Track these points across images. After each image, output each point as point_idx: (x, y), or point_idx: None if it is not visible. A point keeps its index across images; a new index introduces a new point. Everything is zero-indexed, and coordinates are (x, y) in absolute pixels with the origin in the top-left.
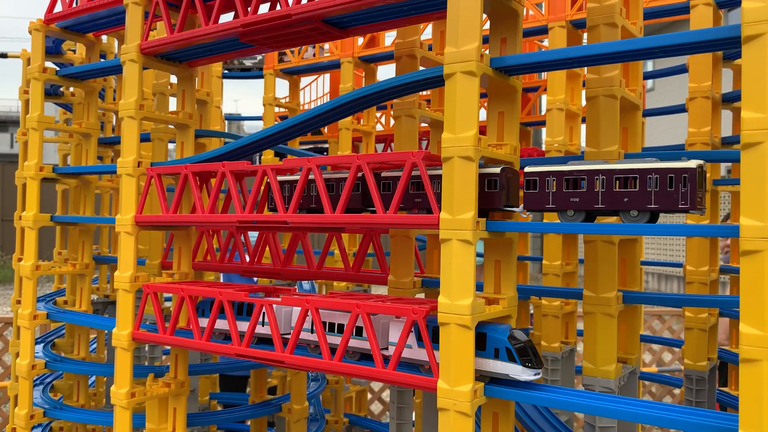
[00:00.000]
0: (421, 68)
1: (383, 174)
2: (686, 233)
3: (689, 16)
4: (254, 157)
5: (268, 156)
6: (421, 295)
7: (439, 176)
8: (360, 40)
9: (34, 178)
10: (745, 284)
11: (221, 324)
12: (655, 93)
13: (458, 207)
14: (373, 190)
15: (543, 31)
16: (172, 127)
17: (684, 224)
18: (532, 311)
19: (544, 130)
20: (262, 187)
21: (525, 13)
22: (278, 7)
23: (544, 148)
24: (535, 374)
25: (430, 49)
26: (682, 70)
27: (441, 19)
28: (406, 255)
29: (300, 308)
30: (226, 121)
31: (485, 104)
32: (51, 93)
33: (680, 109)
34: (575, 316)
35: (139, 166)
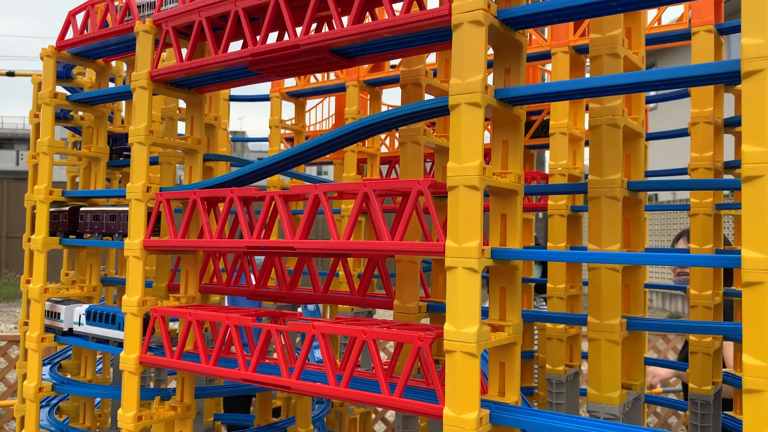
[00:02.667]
0: (426, 96)
1: None
2: (689, 263)
3: (690, 42)
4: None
5: (273, 177)
6: (427, 320)
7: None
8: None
9: (43, 202)
10: (747, 315)
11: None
12: (658, 112)
13: (464, 235)
14: (379, 217)
15: (546, 56)
16: (181, 151)
17: (687, 254)
18: (536, 333)
19: (547, 152)
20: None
21: (528, 38)
22: (286, 38)
23: (547, 172)
24: None
25: (435, 75)
26: (684, 94)
27: (446, 49)
28: (412, 279)
29: (306, 333)
30: (232, 142)
31: (489, 127)
32: (61, 117)
33: (683, 133)
34: (580, 339)
35: (148, 191)
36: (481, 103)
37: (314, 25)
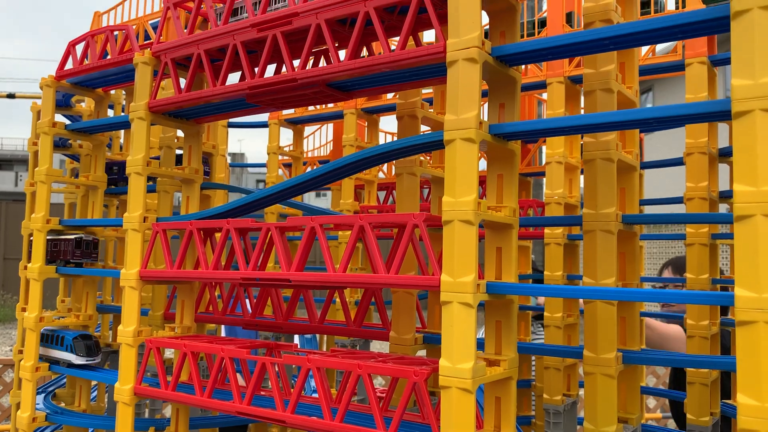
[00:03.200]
0: (423, 128)
1: None
2: (683, 300)
3: (684, 73)
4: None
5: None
6: (423, 352)
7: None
8: None
9: (41, 231)
10: (741, 354)
11: None
12: (653, 136)
13: (459, 270)
14: (375, 250)
15: (542, 86)
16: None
17: (682, 291)
18: (533, 361)
19: (544, 180)
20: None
21: (524, 68)
22: (284, 70)
23: (544, 200)
24: (87, 360)
25: (431, 103)
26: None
27: (442, 84)
28: (408, 310)
29: (302, 367)
30: (230, 168)
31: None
32: (59, 145)
33: (678, 162)
34: (577, 368)
35: (144, 221)
36: (476, 138)
37: (311, 59)
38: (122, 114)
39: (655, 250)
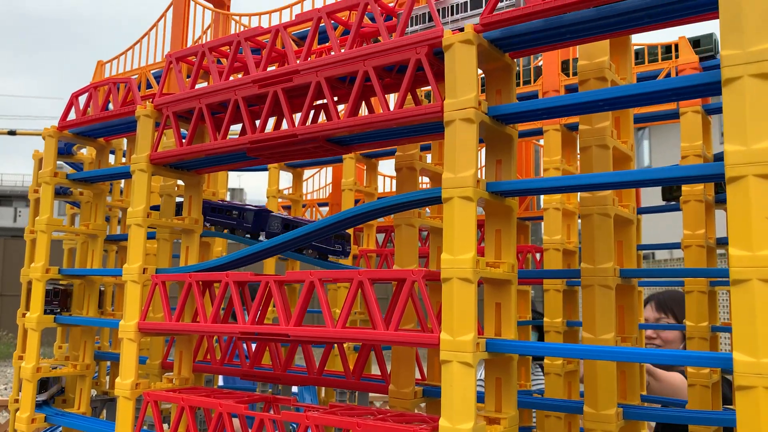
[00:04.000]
0: (421, 181)
1: None
2: (683, 362)
3: (679, 121)
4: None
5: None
6: (423, 405)
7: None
8: None
9: (39, 280)
10: (741, 420)
11: None
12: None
13: (458, 328)
14: (373, 306)
15: (538, 132)
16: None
17: (681, 351)
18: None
19: (542, 224)
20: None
21: None
22: (284, 124)
23: (543, 246)
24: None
25: (429, 147)
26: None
27: (439, 139)
28: (407, 363)
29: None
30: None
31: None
32: (60, 192)
33: (675, 208)
34: (578, 417)
35: (144, 273)
36: (473, 197)
37: (312, 111)
38: (123, 160)
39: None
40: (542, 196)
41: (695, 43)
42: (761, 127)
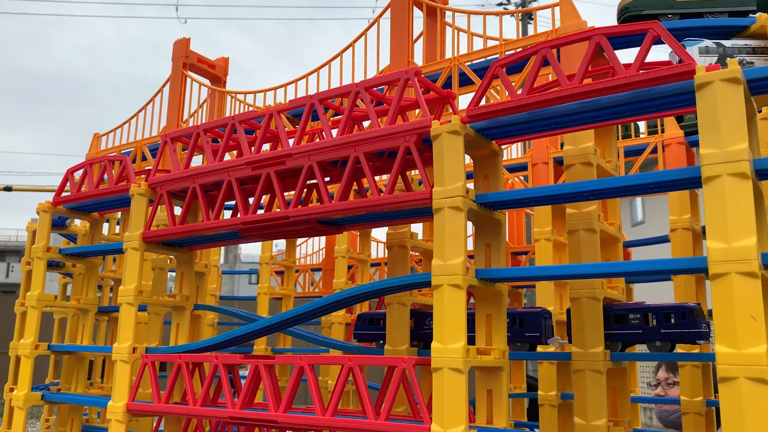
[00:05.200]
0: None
1: None
2: None
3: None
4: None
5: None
6: None
7: None
8: None
9: (28, 357)
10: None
11: None
12: (646, 226)
13: (449, 419)
14: (364, 393)
15: (523, 167)
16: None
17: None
18: None
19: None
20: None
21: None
22: (276, 203)
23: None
24: None
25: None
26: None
27: (429, 221)
28: None
29: None
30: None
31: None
32: (53, 264)
33: (663, 239)
34: None
35: (134, 352)
36: (463, 285)
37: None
38: (117, 229)
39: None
40: (534, 259)
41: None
42: (741, 225)
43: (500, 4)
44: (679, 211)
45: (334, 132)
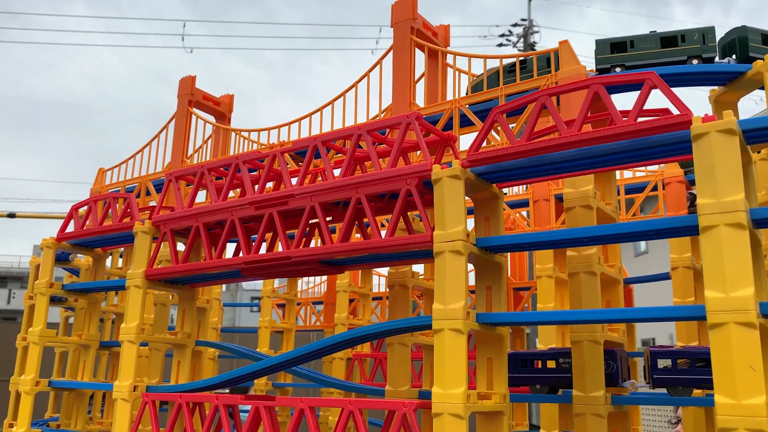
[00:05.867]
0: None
1: None
2: None
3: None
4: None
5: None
6: None
7: None
8: None
9: (29, 393)
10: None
11: None
12: (649, 256)
13: None
14: None
15: (525, 203)
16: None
17: None
18: None
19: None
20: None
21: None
22: (278, 245)
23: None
24: None
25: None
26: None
27: (429, 263)
28: None
29: None
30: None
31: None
32: (55, 299)
33: (665, 276)
34: None
35: (135, 390)
36: (464, 329)
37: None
38: (119, 262)
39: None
40: (537, 295)
41: None
42: (739, 275)
43: (502, 35)
44: (679, 249)
45: (337, 171)
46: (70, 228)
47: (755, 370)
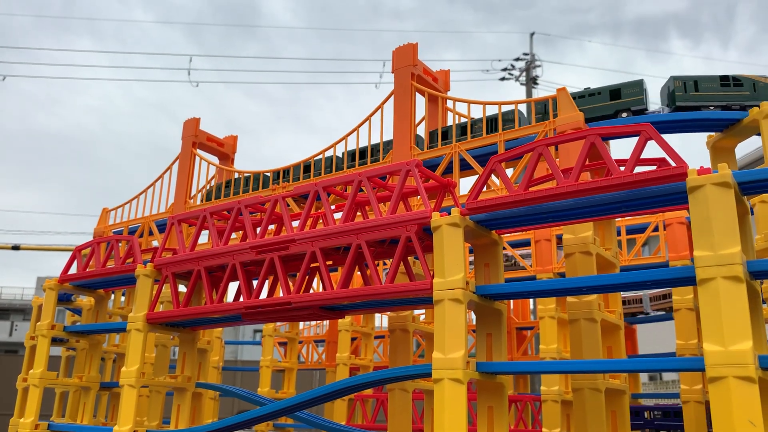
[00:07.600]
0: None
1: None
2: None
3: (665, 234)
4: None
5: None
6: None
7: None
8: None
9: None
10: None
11: None
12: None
13: None
14: None
15: (526, 243)
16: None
17: None
18: None
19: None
20: None
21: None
22: (279, 289)
23: (541, 396)
24: None
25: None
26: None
27: (430, 308)
28: None
29: None
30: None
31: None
32: (57, 340)
33: (668, 317)
34: None
35: None
36: (463, 379)
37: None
38: (122, 300)
39: None
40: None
41: None
42: (737, 329)
43: (504, 69)
44: (682, 291)
45: (337, 215)
46: (73, 269)
47: (755, 425)
